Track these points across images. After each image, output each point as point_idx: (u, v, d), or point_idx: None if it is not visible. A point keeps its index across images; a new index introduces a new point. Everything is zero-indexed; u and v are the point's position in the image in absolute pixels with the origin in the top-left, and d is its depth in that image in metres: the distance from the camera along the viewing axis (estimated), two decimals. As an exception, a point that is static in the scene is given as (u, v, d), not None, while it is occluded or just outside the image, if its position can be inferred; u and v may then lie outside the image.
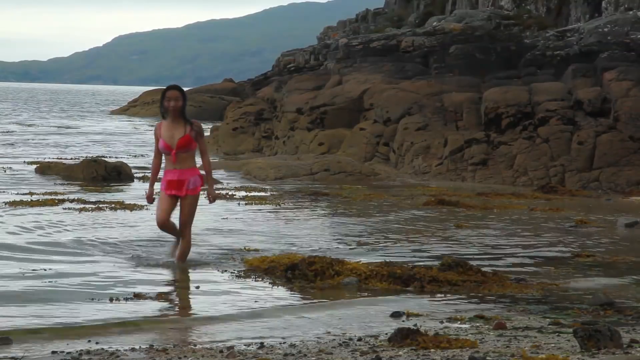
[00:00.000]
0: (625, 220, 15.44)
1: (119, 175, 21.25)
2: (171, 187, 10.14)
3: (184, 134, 10.02)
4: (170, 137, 10.03)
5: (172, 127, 10.06)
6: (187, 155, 10.09)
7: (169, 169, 10.16)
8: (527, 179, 22.77)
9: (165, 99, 10.05)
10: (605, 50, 25.54)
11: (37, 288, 8.96)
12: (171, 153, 10.04)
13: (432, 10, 40.03)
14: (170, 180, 10.14)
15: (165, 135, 10.05)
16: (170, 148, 10.03)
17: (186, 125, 10.08)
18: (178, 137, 10.02)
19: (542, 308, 8.61)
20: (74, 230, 13.08)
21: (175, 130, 10.04)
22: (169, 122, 10.09)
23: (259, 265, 10.32)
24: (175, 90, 10.11)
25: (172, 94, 10.05)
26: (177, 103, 10.00)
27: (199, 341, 7.06)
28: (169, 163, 10.14)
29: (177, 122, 10.08)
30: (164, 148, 10.07)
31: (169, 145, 10.02)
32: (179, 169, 10.11)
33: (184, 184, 10.10)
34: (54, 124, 51.47)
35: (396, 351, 6.36)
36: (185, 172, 10.12)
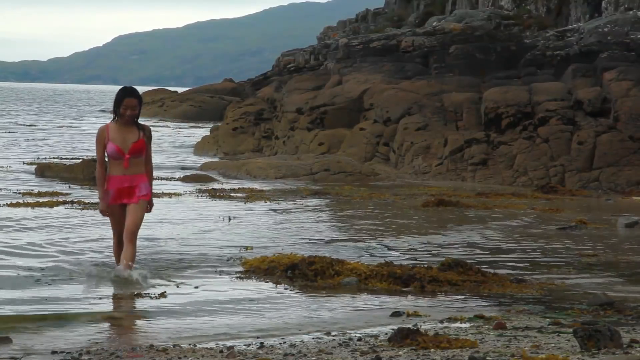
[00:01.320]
0: (625, 220, 15.45)
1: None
2: (122, 195, 9.40)
3: (138, 138, 9.38)
4: (122, 140, 9.34)
5: (124, 131, 9.38)
6: (139, 160, 9.42)
7: (117, 175, 9.38)
8: (527, 179, 22.78)
9: (122, 106, 9.35)
10: (605, 50, 25.53)
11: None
12: (124, 158, 9.34)
13: (432, 10, 40.02)
14: (120, 188, 9.40)
15: (116, 138, 9.34)
16: (122, 152, 9.33)
17: (139, 129, 9.44)
18: (131, 141, 9.36)
19: (542, 308, 8.61)
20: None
21: (128, 134, 9.37)
22: (120, 126, 9.40)
23: (259, 265, 10.32)
24: (133, 99, 9.39)
25: (130, 103, 9.37)
26: (134, 112, 9.38)
27: (198, 341, 7.06)
28: (118, 169, 9.38)
29: (129, 126, 9.41)
30: (115, 152, 9.32)
31: (121, 149, 9.32)
32: (130, 174, 9.40)
33: (135, 190, 9.42)
34: (53, 123, 51.46)
35: (396, 351, 6.36)
36: (136, 177, 9.42)
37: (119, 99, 9.38)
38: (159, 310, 8.19)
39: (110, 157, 9.38)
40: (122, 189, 9.40)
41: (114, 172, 9.41)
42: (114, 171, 9.41)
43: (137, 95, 9.48)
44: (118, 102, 9.38)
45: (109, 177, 9.42)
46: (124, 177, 9.39)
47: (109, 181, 9.42)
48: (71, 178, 20.91)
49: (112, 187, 9.40)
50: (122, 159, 9.34)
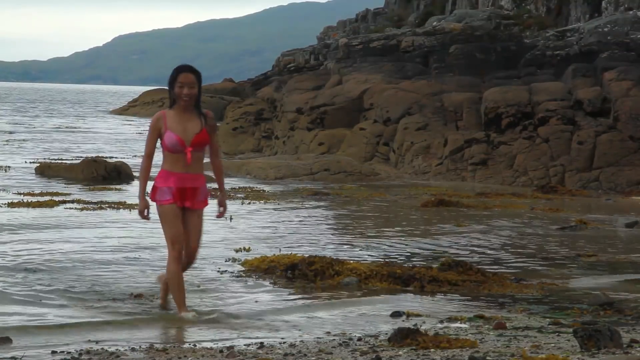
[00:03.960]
0: (625, 220, 15.44)
1: (119, 175, 21.26)
2: (184, 196, 7.70)
3: (200, 128, 7.72)
4: (182, 130, 7.68)
5: (184, 119, 7.72)
6: (200, 155, 7.76)
7: (178, 173, 7.68)
8: (527, 178, 22.77)
9: (177, 84, 7.73)
10: (605, 50, 25.53)
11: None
12: (186, 151, 7.67)
13: (432, 10, 40.02)
14: (182, 187, 7.69)
15: (176, 128, 7.69)
16: (184, 145, 7.66)
17: (200, 117, 7.79)
18: (193, 131, 7.69)
19: (542, 308, 8.61)
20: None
21: (189, 123, 7.72)
22: (179, 113, 7.75)
23: (258, 265, 10.32)
24: (189, 74, 7.76)
25: (186, 79, 7.73)
26: (192, 90, 7.71)
27: (198, 341, 7.06)
28: (178, 165, 7.67)
29: (189, 112, 7.75)
30: (175, 144, 7.65)
31: (183, 141, 7.67)
32: (193, 173, 7.70)
33: (197, 192, 7.76)
34: (53, 123, 51.46)
35: (396, 351, 6.36)
36: (198, 177, 7.74)
37: (173, 78, 7.79)
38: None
39: (169, 150, 7.68)
40: (185, 190, 7.70)
41: (173, 167, 7.70)
42: (173, 167, 7.70)
43: (194, 70, 7.83)
44: (172, 82, 7.79)
45: (165, 172, 7.71)
46: (186, 176, 7.69)
47: (166, 177, 7.70)
48: (71, 178, 20.91)
49: (171, 183, 7.68)
50: (183, 153, 7.66)
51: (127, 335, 7.25)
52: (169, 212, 7.65)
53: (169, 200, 7.64)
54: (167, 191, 7.65)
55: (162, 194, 7.66)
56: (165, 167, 7.72)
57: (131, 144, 36.42)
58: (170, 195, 7.63)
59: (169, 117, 7.74)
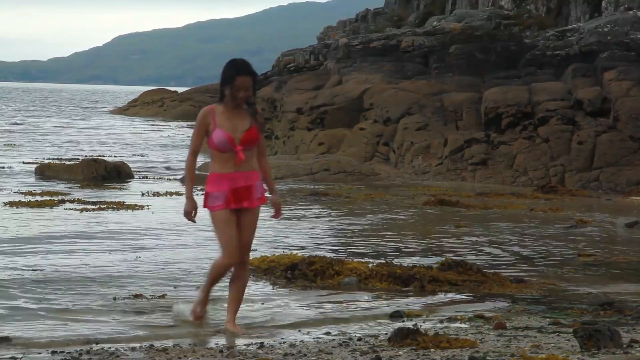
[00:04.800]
0: (625, 220, 15.44)
1: (119, 175, 21.26)
2: (240, 196, 7.31)
3: (250, 126, 7.31)
4: (232, 128, 7.25)
5: (234, 116, 7.29)
6: (251, 153, 7.34)
7: (228, 172, 7.27)
8: (527, 178, 22.77)
9: (233, 87, 7.22)
10: (605, 50, 25.54)
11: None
12: (236, 150, 7.26)
13: (432, 10, 40.04)
14: (236, 188, 7.29)
15: (224, 125, 7.25)
16: (234, 143, 7.24)
17: (250, 113, 7.39)
18: (243, 129, 7.27)
19: (542, 308, 8.61)
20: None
21: (239, 120, 7.30)
22: (228, 109, 7.30)
23: (259, 265, 10.31)
24: (248, 77, 7.27)
25: (243, 83, 7.25)
26: (247, 94, 7.31)
27: (198, 341, 7.06)
28: (228, 164, 7.26)
29: (239, 109, 7.33)
30: (225, 142, 7.22)
31: (233, 139, 7.24)
32: (245, 171, 7.29)
33: (252, 190, 7.37)
34: (53, 123, 51.46)
35: (396, 351, 6.36)
36: (251, 174, 7.33)
37: (230, 78, 7.24)
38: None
39: (218, 149, 7.25)
40: (239, 190, 7.29)
41: (223, 168, 7.28)
42: (223, 167, 7.28)
43: (251, 71, 7.34)
44: (228, 81, 7.26)
45: (214, 175, 7.31)
46: (238, 175, 7.28)
47: (216, 181, 7.31)
48: (71, 178, 20.91)
49: (225, 187, 7.27)
50: (233, 152, 7.24)
51: (127, 335, 7.25)
52: (221, 218, 7.30)
53: (221, 206, 7.27)
54: (219, 196, 7.27)
55: (213, 199, 7.30)
56: (215, 170, 7.31)
57: (131, 143, 36.42)
58: (223, 200, 7.25)
59: (218, 113, 7.28)
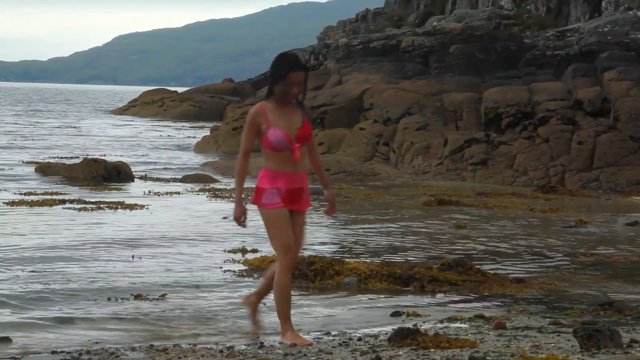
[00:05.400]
0: (625, 220, 15.45)
1: (119, 175, 21.27)
2: (294, 198, 6.84)
3: (302, 121, 6.84)
4: (287, 125, 6.80)
5: (286, 113, 6.83)
6: (305, 151, 6.91)
7: (287, 173, 6.81)
8: (527, 178, 22.77)
9: (286, 82, 6.75)
10: (605, 50, 25.55)
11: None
12: (293, 148, 6.78)
13: (432, 10, 40.05)
14: (292, 189, 6.82)
15: (279, 123, 6.79)
16: (290, 141, 6.77)
17: (300, 109, 6.91)
18: (297, 126, 6.81)
19: (542, 308, 8.61)
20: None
21: (292, 117, 6.83)
22: (278, 106, 6.83)
23: (259, 265, 10.32)
24: (301, 72, 6.79)
25: (297, 77, 6.76)
26: (300, 89, 6.82)
27: (198, 341, 7.06)
28: (285, 163, 6.79)
29: (289, 105, 6.86)
30: (282, 141, 6.75)
31: (289, 136, 6.78)
32: (300, 171, 6.85)
33: (304, 193, 6.93)
34: (53, 123, 51.45)
35: (396, 351, 6.35)
36: (304, 176, 6.91)
37: (282, 73, 6.77)
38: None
39: (274, 148, 6.78)
40: (294, 191, 6.83)
41: (281, 167, 6.81)
42: (280, 166, 6.81)
43: (304, 66, 6.90)
44: (280, 77, 6.78)
45: (270, 172, 6.84)
46: (295, 175, 6.82)
47: (272, 177, 6.82)
48: (71, 178, 20.91)
49: (281, 184, 6.80)
50: (290, 150, 6.77)
51: (127, 335, 7.26)
52: (280, 216, 6.75)
53: (279, 204, 6.72)
54: (275, 193, 6.75)
55: (270, 196, 6.76)
56: (269, 167, 6.83)
57: (131, 143, 36.42)
58: (280, 197, 6.74)
59: (269, 111, 6.79)
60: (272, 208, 6.74)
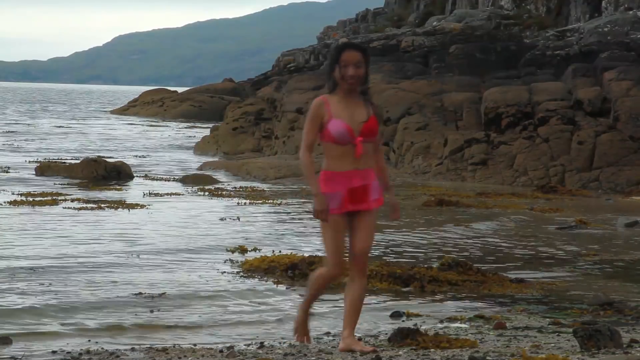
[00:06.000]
0: (625, 220, 15.44)
1: (119, 175, 21.27)
2: (354, 198, 6.34)
3: (368, 116, 6.39)
4: (350, 118, 6.34)
5: (350, 105, 6.37)
6: (369, 147, 6.42)
7: (345, 171, 6.34)
8: (527, 178, 22.77)
9: (340, 63, 6.31)
10: (605, 50, 25.54)
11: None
12: (355, 142, 6.33)
13: (432, 10, 40.04)
14: (351, 188, 6.34)
15: (342, 115, 6.33)
16: (353, 134, 6.32)
17: (367, 103, 6.43)
18: (361, 120, 6.35)
19: (542, 308, 8.61)
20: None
21: (356, 110, 6.37)
22: (342, 98, 6.36)
23: (259, 265, 10.32)
24: (355, 51, 6.37)
25: (351, 57, 6.31)
26: (358, 70, 6.30)
27: (198, 341, 7.06)
28: (345, 160, 6.34)
29: (354, 97, 6.37)
30: (344, 134, 6.30)
31: (352, 129, 6.33)
32: (363, 168, 6.36)
33: (369, 190, 6.40)
34: (53, 123, 51.46)
35: (396, 351, 6.35)
36: (368, 173, 6.39)
37: (335, 57, 6.36)
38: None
39: (335, 141, 6.33)
40: (355, 190, 6.34)
41: (339, 165, 6.35)
42: (339, 164, 6.35)
43: (360, 47, 6.47)
44: (334, 61, 6.35)
45: (329, 174, 6.37)
46: (355, 172, 6.33)
47: (331, 180, 6.35)
48: (71, 178, 20.91)
49: (341, 187, 6.32)
50: (351, 145, 6.32)
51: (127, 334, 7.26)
52: (334, 224, 6.35)
53: (335, 211, 6.31)
54: (333, 198, 6.31)
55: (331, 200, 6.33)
56: (328, 168, 6.37)
57: (131, 144, 36.43)
58: (338, 203, 6.29)
59: (332, 103, 6.33)
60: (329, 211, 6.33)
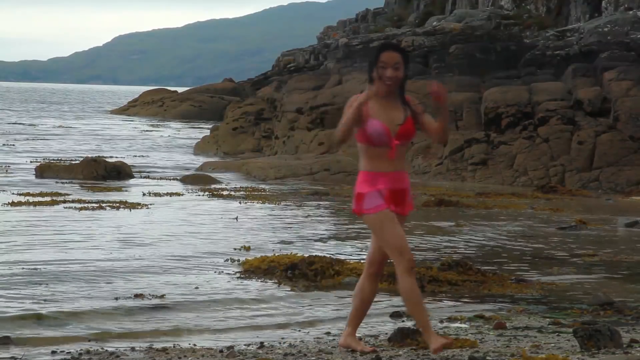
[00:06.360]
0: (625, 220, 15.44)
1: (119, 175, 21.27)
2: (395, 199, 6.23)
3: (404, 118, 6.26)
4: (388, 119, 6.20)
5: (387, 106, 6.24)
6: (404, 150, 6.35)
7: (384, 172, 6.20)
8: (527, 178, 22.78)
9: (379, 65, 6.22)
10: (605, 50, 25.54)
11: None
12: (391, 145, 6.18)
13: (432, 10, 40.01)
14: (394, 189, 6.22)
15: (380, 115, 6.21)
16: (390, 136, 6.18)
17: (404, 105, 6.32)
18: (398, 122, 6.22)
19: (542, 308, 8.61)
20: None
21: (394, 112, 6.25)
22: (380, 98, 6.25)
23: (259, 265, 10.31)
24: (394, 52, 6.25)
25: (390, 58, 6.20)
26: (397, 72, 6.23)
27: (198, 341, 7.06)
28: (382, 162, 6.19)
29: (392, 98, 6.28)
30: (381, 134, 6.14)
31: (389, 131, 6.19)
32: (400, 170, 6.28)
33: (406, 194, 6.34)
34: (53, 123, 51.45)
35: (396, 351, 6.35)
36: (405, 176, 6.34)
37: (375, 57, 6.26)
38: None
39: (372, 142, 6.16)
40: (397, 192, 6.24)
41: (377, 166, 6.20)
42: (377, 165, 6.19)
43: (399, 48, 6.39)
44: (374, 61, 6.25)
45: (368, 174, 6.22)
46: (393, 175, 6.21)
47: (371, 179, 6.20)
48: (71, 178, 20.91)
49: (382, 185, 6.18)
50: (389, 146, 6.17)
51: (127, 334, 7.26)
52: (386, 218, 6.11)
53: (383, 206, 6.11)
54: (377, 195, 6.13)
55: (371, 200, 6.15)
56: (366, 168, 6.21)
57: (131, 143, 36.43)
58: (382, 199, 6.13)
59: (370, 102, 6.21)
60: (376, 212, 6.13)
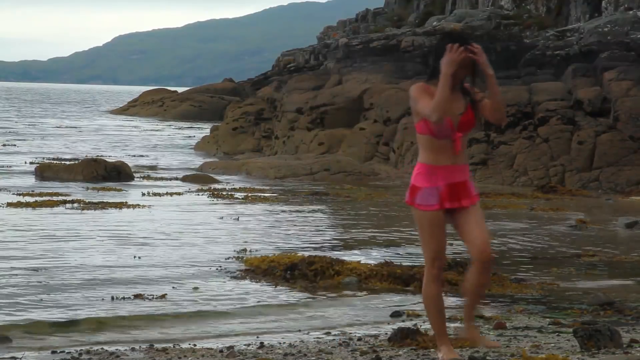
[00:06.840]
0: (625, 220, 15.44)
1: (119, 175, 21.27)
2: (456, 194, 5.92)
3: (465, 107, 5.96)
4: (450, 111, 5.85)
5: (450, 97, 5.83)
6: (466, 140, 6.02)
7: (445, 165, 5.88)
8: (527, 178, 22.78)
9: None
10: (605, 50, 25.53)
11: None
12: (454, 137, 5.87)
13: (432, 10, 39.98)
14: (452, 183, 5.91)
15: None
16: (453, 128, 5.87)
17: (463, 93, 6.01)
18: (459, 112, 5.91)
19: (542, 308, 8.61)
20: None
21: (454, 102, 5.90)
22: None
23: (259, 265, 10.31)
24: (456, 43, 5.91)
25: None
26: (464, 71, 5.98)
27: (198, 341, 7.06)
28: (445, 155, 5.87)
29: (454, 90, 5.89)
30: (444, 127, 5.84)
31: (452, 123, 5.87)
32: (462, 163, 5.95)
33: (468, 186, 6.01)
34: (53, 123, 51.45)
35: (396, 351, 6.35)
36: (466, 168, 6.03)
37: (441, 48, 5.94)
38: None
39: (434, 134, 5.85)
40: (456, 186, 5.91)
41: (439, 159, 5.86)
42: (438, 159, 5.86)
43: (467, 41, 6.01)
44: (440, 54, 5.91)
45: (427, 167, 5.88)
46: (455, 168, 5.89)
47: (429, 173, 5.86)
48: (71, 178, 20.91)
49: (440, 181, 5.86)
50: (451, 138, 5.86)
51: (127, 334, 7.26)
52: (434, 221, 5.88)
53: (435, 207, 5.84)
54: (433, 193, 5.85)
55: (426, 197, 5.84)
56: (425, 161, 5.88)
57: (131, 144, 36.43)
58: (437, 198, 5.84)
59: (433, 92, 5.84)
60: (426, 210, 5.86)
